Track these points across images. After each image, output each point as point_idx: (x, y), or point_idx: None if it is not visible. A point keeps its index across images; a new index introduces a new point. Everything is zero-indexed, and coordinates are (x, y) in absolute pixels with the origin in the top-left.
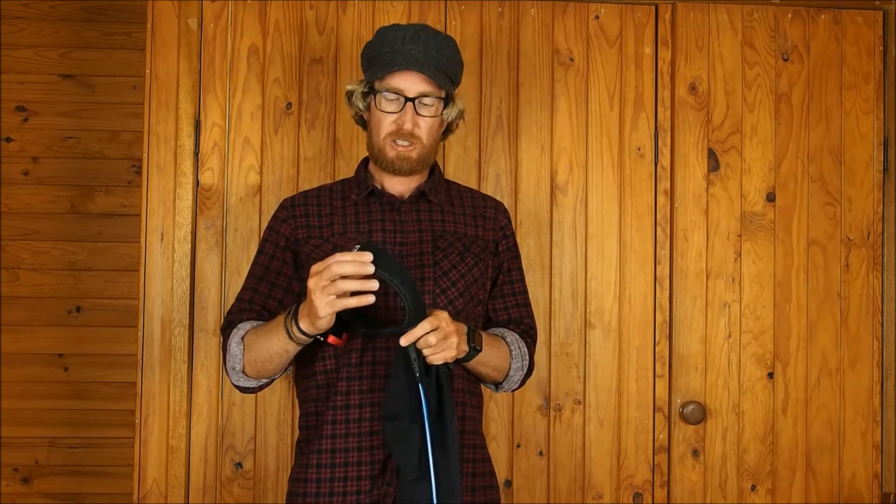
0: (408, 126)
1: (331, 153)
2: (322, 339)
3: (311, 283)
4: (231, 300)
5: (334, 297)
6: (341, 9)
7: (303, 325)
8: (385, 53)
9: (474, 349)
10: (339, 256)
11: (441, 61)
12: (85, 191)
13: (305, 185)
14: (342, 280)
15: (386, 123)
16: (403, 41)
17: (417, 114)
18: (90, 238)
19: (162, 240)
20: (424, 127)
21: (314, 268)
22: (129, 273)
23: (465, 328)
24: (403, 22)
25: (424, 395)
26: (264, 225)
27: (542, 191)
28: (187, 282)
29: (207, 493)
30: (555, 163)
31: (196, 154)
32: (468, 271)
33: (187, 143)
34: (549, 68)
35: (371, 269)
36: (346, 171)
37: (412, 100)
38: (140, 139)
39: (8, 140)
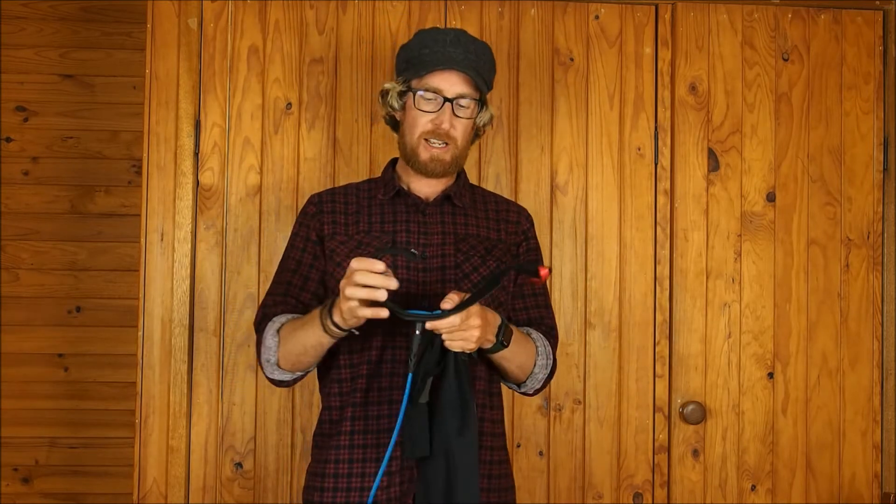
0: (445, 126)
1: (331, 153)
2: (357, 332)
3: (342, 284)
4: (231, 300)
5: (356, 303)
6: (341, 9)
7: (336, 320)
8: (426, 55)
9: (501, 343)
10: (357, 264)
11: (479, 65)
12: (85, 191)
13: (305, 186)
14: (366, 289)
15: (422, 122)
16: (444, 44)
17: (455, 115)
18: (90, 238)
19: (162, 240)
20: (460, 128)
21: (350, 266)
22: (129, 273)
23: (497, 320)
24: (404, 22)
25: (411, 383)
26: (264, 225)
27: (542, 191)
28: (187, 282)
29: (207, 493)
30: (555, 163)
31: (196, 154)
32: (489, 274)
33: (187, 143)
34: (549, 68)
35: (393, 284)
36: (346, 171)
37: (451, 100)
38: (140, 139)
39: (8, 140)
